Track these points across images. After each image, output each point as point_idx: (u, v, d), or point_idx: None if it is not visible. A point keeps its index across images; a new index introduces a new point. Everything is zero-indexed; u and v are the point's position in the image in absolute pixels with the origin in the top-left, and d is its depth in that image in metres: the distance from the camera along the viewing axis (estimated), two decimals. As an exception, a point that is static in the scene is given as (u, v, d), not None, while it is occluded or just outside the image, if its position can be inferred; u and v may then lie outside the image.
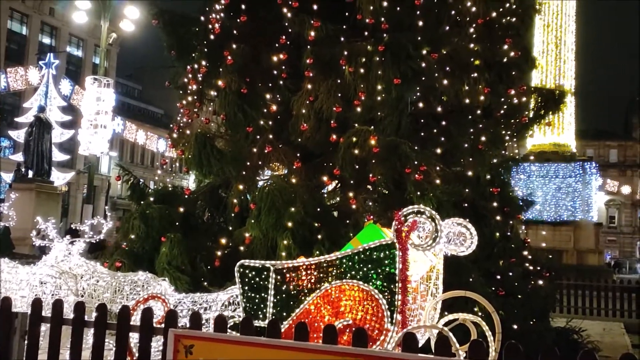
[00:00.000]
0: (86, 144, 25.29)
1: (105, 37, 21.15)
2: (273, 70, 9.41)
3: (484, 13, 9.39)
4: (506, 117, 9.85)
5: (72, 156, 49.20)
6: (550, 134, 35.54)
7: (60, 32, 54.98)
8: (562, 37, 40.69)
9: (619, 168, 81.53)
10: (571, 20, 41.58)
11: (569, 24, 41.29)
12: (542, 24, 40.40)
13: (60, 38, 55.13)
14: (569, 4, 41.47)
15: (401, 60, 8.45)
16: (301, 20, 9.04)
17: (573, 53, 41.22)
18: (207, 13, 10.23)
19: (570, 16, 41.57)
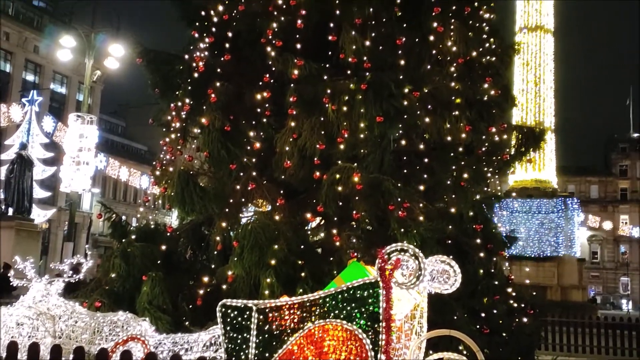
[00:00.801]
0: (68, 181, 25.05)
1: (89, 75, 21.18)
2: (257, 108, 9.45)
3: (464, 52, 9.56)
4: (488, 154, 9.95)
5: (53, 193, 48.68)
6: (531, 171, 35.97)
7: (44, 70, 55.02)
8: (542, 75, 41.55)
9: (600, 204, 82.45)
10: (549, 59, 42.53)
11: (547, 63, 42.21)
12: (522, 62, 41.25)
13: (44, 75, 55.14)
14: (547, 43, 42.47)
15: (383, 98, 8.53)
16: (285, 59, 9.12)
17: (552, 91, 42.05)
18: (191, 51, 10.31)
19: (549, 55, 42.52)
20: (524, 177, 36.09)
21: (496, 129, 9.72)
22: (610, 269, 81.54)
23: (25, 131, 37.06)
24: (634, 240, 79.13)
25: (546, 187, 36.25)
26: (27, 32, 53.00)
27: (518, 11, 43.93)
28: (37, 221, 27.29)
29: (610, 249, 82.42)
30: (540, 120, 38.31)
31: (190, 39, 10.55)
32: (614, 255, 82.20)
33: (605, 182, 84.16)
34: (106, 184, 65.72)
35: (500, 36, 10.62)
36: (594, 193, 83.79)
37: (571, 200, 36.53)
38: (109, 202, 62.22)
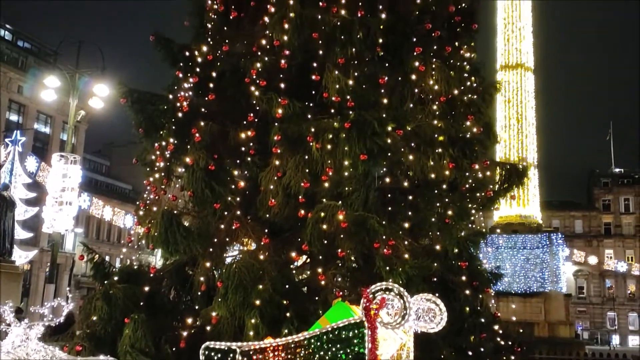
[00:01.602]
0: (50, 222, 24.74)
1: (73, 115, 21.13)
2: (241, 147, 9.47)
3: (446, 91, 9.71)
4: (472, 191, 10.01)
5: (35, 234, 48.03)
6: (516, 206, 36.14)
7: (28, 110, 54.86)
8: (523, 112, 42.16)
9: (585, 238, 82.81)
10: (530, 97, 43.22)
11: (528, 100, 42.88)
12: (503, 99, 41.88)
13: (27, 115, 54.96)
14: (527, 81, 43.24)
15: (367, 136, 8.59)
16: (269, 98, 9.19)
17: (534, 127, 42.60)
18: (175, 91, 10.36)
19: (530, 92, 43.23)
20: (509, 213, 36.24)
21: (479, 166, 9.80)
22: (597, 304, 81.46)
23: (7, 172, 36.71)
24: (619, 275, 79.33)
25: (531, 223, 36.41)
26: (11, 73, 52.97)
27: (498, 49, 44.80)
28: (18, 263, 26.80)
29: (596, 283, 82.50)
30: (523, 156, 38.74)
31: (174, 78, 10.61)
32: (600, 290, 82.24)
33: (589, 217, 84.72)
34: (89, 224, 65.01)
35: (481, 75, 10.82)
36: (579, 228, 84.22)
37: (556, 235, 36.67)
38: (93, 242, 61.50)
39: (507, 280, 30.52)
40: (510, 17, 44.84)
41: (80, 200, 37.87)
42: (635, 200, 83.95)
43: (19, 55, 56.13)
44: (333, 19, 9.32)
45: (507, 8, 45.11)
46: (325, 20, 9.31)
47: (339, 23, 9.24)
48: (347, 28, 9.18)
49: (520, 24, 44.44)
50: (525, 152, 40.04)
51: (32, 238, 48.50)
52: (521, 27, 44.40)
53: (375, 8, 9.92)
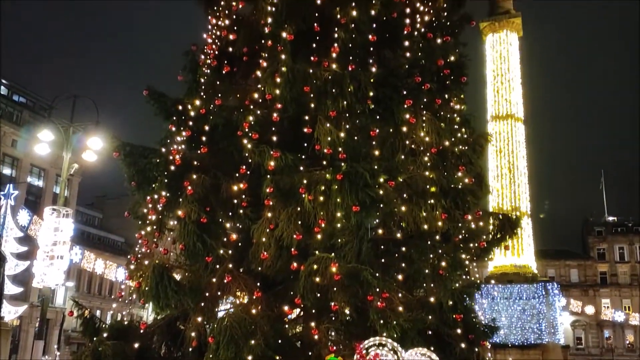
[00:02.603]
0: (41, 276, 24.39)
1: (66, 169, 21.13)
2: (233, 199, 9.46)
3: (436, 142, 9.80)
4: (465, 241, 9.99)
5: (25, 288, 47.33)
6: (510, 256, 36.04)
7: (22, 163, 54.91)
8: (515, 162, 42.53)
9: (581, 288, 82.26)
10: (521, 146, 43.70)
11: (519, 150, 43.34)
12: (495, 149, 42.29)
13: (21, 168, 54.97)
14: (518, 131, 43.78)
15: (359, 188, 8.60)
16: (261, 150, 9.23)
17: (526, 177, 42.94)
18: (168, 145, 10.41)
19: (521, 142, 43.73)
20: (504, 263, 36.12)
21: (472, 216, 9.81)
22: (596, 355, 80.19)
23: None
24: (617, 325, 78.46)
25: (526, 272, 36.25)
26: (5, 127, 53.25)
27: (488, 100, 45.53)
28: (7, 318, 26.37)
29: (594, 334, 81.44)
30: (516, 206, 38.87)
31: (167, 132, 10.67)
32: (599, 341, 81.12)
33: (584, 266, 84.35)
34: (81, 277, 64.19)
35: (471, 126, 10.95)
36: (574, 277, 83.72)
37: (551, 285, 36.46)
38: (84, 295, 60.63)
39: (504, 332, 30.17)
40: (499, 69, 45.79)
41: (72, 253, 37.50)
42: (629, 249, 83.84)
43: (14, 109, 56.60)
44: (324, 73, 9.46)
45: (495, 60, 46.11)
46: (317, 74, 9.45)
47: (330, 77, 9.38)
48: (338, 81, 9.31)
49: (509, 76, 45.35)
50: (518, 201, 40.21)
51: (22, 293, 47.80)
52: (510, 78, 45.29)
53: (366, 62, 10.11)
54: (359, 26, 10.05)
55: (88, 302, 59.42)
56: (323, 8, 10.47)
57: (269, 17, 9.99)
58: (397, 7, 10.34)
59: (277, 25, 9.90)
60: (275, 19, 9.96)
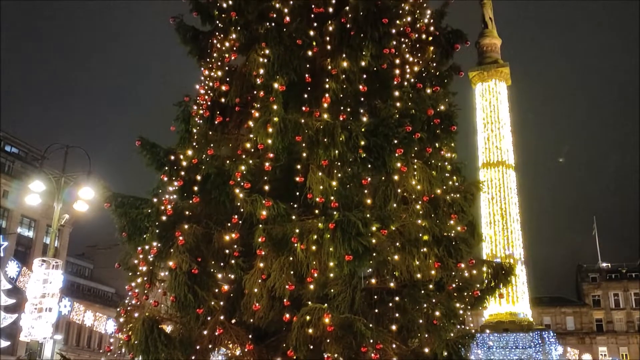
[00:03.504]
0: (28, 329, 23.92)
1: (57, 220, 21.00)
2: (225, 249, 9.41)
3: (428, 191, 9.85)
4: (459, 290, 9.92)
5: (13, 342, 46.36)
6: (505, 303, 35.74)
7: (12, 214, 54.52)
8: (507, 208, 42.70)
9: (577, 335, 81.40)
10: (513, 193, 43.95)
11: (511, 196, 43.57)
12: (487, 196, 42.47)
13: (11, 219, 54.55)
14: (509, 178, 44.10)
15: (352, 237, 8.57)
16: (253, 200, 9.23)
17: (519, 223, 43.00)
18: (160, 195, 10.39)
19: (512, 189, 44.00)
20: (499, 311, 35.82)
21: (465, 265, 9.78)
22: (598, 407, 78.86)
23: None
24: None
25: (521, 321, 35.94)
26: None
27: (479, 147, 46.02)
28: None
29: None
30: (510, 253, 38.82)
31: (159, 182, 10.66)
32: (600, 392, 79.87)
33: (580, 313, 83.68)
34: (70, 330, 62.97)
35: (462, 174, 11.02)
36: (570, 324, 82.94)
37: (548, 333, 36.11)
38: (72, 349, 59.40)
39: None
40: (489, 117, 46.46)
41: (61, 305, 36.88)
42: (624, 295, 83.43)
43: (5, 160, 56.54)
44: (316, 123, 9.55)
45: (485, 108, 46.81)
46: (308, 124, 9.54)
47: (322, 126, 9.47)
48: (330, 131, 9.39)
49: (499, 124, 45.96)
50: (512, 248, 40.19)
51: (10, 347, 46.83)
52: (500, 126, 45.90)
53: (357, 112, 10.24)
54: (350, 77, 10.22)
55: (77, 355, 58.26)
56: (314, 59, 10.67)
57: (261, 68, 10.15)
58: (387, 58, 10.53)
59: (269, 76, 10.05)
60: (267, 70, 10.11)
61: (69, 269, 60.98)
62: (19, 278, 39.57)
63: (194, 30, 12.17)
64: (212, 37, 11.63)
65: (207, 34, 12.02)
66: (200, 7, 12.00)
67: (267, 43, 10.22)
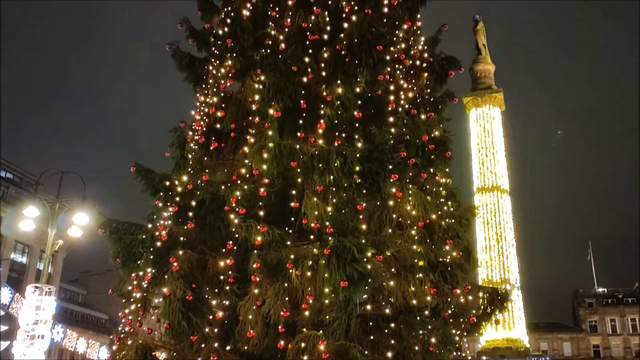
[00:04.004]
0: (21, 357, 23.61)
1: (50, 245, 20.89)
2: (220, 276, 9.36)
3: (423, 216, 9.86)
4: (454, 316, 9.88)
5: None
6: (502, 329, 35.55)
7: (6, 240, 54.04)
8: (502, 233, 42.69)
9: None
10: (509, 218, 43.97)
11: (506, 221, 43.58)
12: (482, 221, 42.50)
13: (5, 245, 54.09)
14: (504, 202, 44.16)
15: (347, 263, 8.53)
16: (248, 225, 9.20)
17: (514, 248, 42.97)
18: (154, 220, 10.37)
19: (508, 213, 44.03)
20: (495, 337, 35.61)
21: (461, 290, 9.74)
22: None
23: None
24: (613, 400, 76.72)
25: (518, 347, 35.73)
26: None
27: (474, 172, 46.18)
28: (-18, 402, 25.26)
29: (593, 410, 79.42)
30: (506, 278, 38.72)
31: (154, 208, 10.64)
32: (599, 419, 79.02)
33: (577, 339, 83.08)
34: (62, 356, 62.18)
35: (457, 199, 11.04)
36: (567, 350, 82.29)
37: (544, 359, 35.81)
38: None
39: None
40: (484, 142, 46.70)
41: (54, 332, 36.46)
42: (621, 321, 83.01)
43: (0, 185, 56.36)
44: (311, 148, 9.58)
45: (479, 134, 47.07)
46: (304, 150, 9.57)
47: (317, 152, 9.50)
48: (325, 156, 9.42)
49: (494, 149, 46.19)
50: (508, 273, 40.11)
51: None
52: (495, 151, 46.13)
53: (352, 137, 10.27)
54: (345, 103, 10.28)
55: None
56: (309, 85, 10.75)
57: (256, 94, 10.20)
58: (382, 85, 10.61)
59: (264, 103, 10.10)
60: (262, 96, 10.16)
61: (62, 295, 60.40)
62: (12, 305, 39.21)
63: (190, 56, 12.28)
64: (207, 63, 11.72)
65: (203, 60, 12.13)
66: (196, 34, 12.13)
67: (263, 69, 10.30)
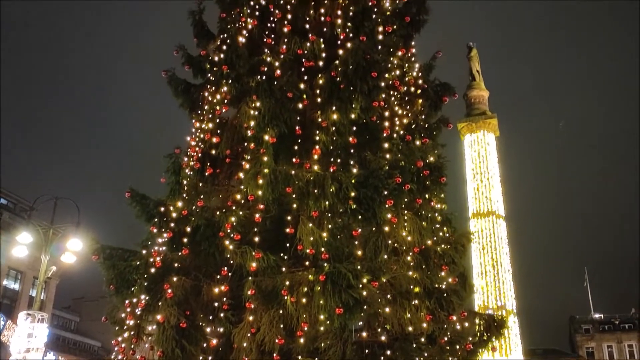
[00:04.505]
0: (11, 385, 23.26)
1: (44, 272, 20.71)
2: (214, 302, 9.30)
3: (419, 242, 9.85)
4: (451, 343, 9.80)
5: (-5, 398, 44.97)
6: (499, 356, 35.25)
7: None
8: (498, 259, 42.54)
9: (573, 389, 79.94)
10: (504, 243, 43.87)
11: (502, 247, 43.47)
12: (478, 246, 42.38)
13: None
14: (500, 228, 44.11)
15: (342, 289, 8.49)
16: (243, 251, 9.17)
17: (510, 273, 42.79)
18: (149, 247, 10.32)
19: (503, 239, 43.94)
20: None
21: (457, 317, 9.69)
22: None
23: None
24: None
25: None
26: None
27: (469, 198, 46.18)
28: None
29: None
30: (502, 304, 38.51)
31: (148, 234, 10.59)
32: None
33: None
34: (54, 386, 61.23)
35: (452, 225, 11.03)
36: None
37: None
38: (55, 406, 57.53)
39: None
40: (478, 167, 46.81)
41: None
42: (618, 347, 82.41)
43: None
44: (306, 174, 9.59)
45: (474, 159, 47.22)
46: (299, 176, 9.58)
47: (312, 178, 9.50)
48: (320, 182, 9.43)
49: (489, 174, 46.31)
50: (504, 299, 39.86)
51: (-9, 403, 45.40)
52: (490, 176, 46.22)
53: (347, 163, 10.30)
54: (340, 129, 10.32)
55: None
56: (304, 112, 10.80)
57: (252, 120, 10.24)
58: (376, 111, 10.67)
59: (259, 129, 10.13)
60: (258, 122, 10.20)
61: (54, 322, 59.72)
62: (4, 332, 38.72)
63: (185, 83, 12.35)
64: (203, 89, 11.78)
65: (198, 86, 12.20)
66: (192, 61, 12.21)
67: (258, 96, 10.35)
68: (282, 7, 11.67)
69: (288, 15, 11.56)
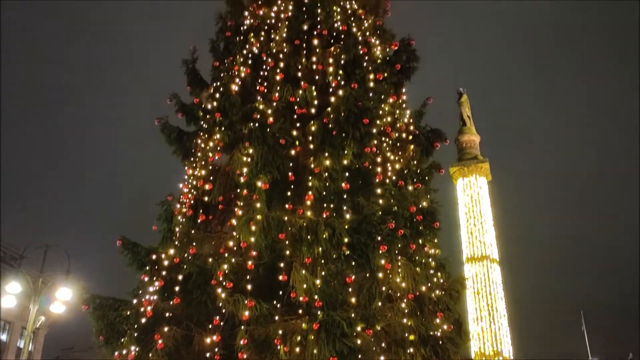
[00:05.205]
0: None
1: (32, 322, 20.35)
2: (206, 353, 9.10)
3: (413, 288, 9.75)
4: (447, 392, 9.60)
5: None
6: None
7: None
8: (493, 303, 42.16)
9: None
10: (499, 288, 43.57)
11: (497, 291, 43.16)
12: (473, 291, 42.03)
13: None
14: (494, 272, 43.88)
15: (336, 338, 8.37)
16: (235, 300, 9.05)
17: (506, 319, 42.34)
18: (140, 295, 10.16)
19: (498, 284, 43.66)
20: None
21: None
22: None
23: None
24: None
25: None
26: (-27, 279, 51.78)
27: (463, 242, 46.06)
28: None
29: None
30: (498, 350, 38.01)
31: (139, 282, 10.45)
32: None
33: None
34: None
35: (446, 271, 10.96)
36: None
37: None
38: None
39: None
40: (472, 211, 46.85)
41: (32, 413, 34.95)
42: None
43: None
44: (299, 220, 9.56)
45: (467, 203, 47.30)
46: (292, 222, 9.54)
47: (305, 224, 9.46)
48: (313, 228, 9.39)
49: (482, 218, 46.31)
50: (500, 345, 39.33)
51: None
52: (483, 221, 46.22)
53: (340, 209, 10.28)
54: (332, 175, 10.34)
55: None
56: (297, 158, 10.84)
57: (244, 167, 10.25)
58: (369, 157, 10.72)
59: (252, 175, 10.15)
60: (250, 169, 10.22)
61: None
62: (-10, 385, 37.75)
63: (178, 130, 12.41)
64: (196, 137, 11.83)
65: (191, 134, 12.25)
66: (185, 109, 12.31)
67: (251, 142, 10.40)
68: (274, 55, 11.84)
69: (280, 63, 11.72)
